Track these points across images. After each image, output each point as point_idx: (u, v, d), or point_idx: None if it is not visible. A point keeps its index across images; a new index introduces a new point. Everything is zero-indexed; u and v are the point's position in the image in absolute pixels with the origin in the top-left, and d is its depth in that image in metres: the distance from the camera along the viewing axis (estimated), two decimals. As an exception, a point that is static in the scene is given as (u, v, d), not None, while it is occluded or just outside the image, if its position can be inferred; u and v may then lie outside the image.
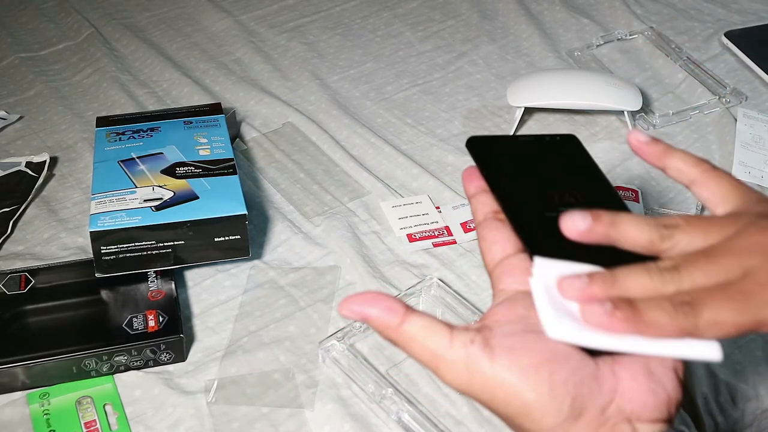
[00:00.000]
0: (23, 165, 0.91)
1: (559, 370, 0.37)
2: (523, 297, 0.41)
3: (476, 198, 0.47)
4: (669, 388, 0.38)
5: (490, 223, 0.45)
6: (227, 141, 0.85)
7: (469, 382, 0.38)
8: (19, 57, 1.12)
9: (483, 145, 0.49)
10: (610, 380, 0.38)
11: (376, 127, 0.98)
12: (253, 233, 0.83)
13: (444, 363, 0.38)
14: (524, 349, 0.37)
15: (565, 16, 1.15)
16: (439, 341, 0.39)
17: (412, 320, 0.39)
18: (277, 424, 0.66)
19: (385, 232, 0.84)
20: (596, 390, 0.37)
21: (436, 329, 0.39)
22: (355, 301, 0.40)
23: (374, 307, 0.39)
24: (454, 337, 0.39)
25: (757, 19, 1.13)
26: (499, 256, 0.44)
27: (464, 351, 0.38)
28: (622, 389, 0.37)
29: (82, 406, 0.67)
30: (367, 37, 1.14)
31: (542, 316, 0.38)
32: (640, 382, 0.38)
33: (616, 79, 0.95)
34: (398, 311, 0.39)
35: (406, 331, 0.39)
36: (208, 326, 0.74)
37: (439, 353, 0.38)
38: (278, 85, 1.05)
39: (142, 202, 0.74)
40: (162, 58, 1.09)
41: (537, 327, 0.38)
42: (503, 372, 0.37)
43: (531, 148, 0.50)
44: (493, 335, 0.38)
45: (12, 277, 0.75)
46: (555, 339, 0.37)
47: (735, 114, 0.95)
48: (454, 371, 0.38)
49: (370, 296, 0.40)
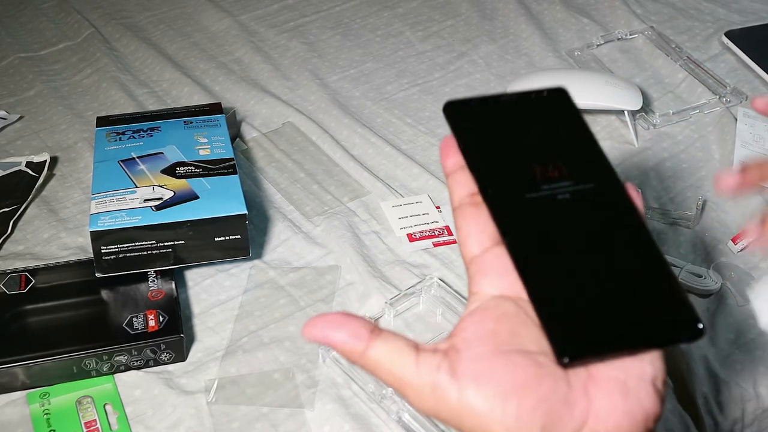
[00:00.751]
0: (23, 165, 0.91)
1: (527, 398, 0.35)
2: (495, 305, 0.39)
3: (453, 177, 0.42)
4: (647, 405, 0.36)
5: (465, 210, 0.41)
6: (227, 141, 0.85)
7: (435, 409, 0.37)
8: (19, 57, 1.12)
9: (461, 111, 0.43)
10: (582, 403, 0.36)
11: (376, 126, 0.98)
12: (253, 233, 0.83)
13: (410, 389, 0.37)
14: (491, 377, 0.36)
15: (565, 16, 1.15)
16: (404, 367, 0.37)
17: (376, 346, 0.38)
18: (277, 424, 0.66)
19: (385, 231, 0.84)
20: (567, 415, 0.36)
21: (402, 354, 0.38)
22: (317, 325, 0.38)
23: (338, 331, 0.38)
24: (420, 363, 0.37)
25: (757, 18, 1.13)
26: (475, 249, 0.40)
27: (430, 378, 0.37)
28: (595, 411, 0.36)
29: (83, 406, 0.67)
30: (367, 37, 1.14)
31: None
32: (614, 402, 0.36)
33: (616, 79, 0.95)
34: (362, 337, 0.38)
35: (371, 357, 0.38)
36: (208, 326, 0.74)
37: (405, 380, 0.37)
38: (278, 85, 1.05)
39: (142, 201, 0.74)
40: (162, 58, 1.09)
41: (507, 345, 0.37)
42: (470, 401, 0.36)
43: (514, 109, 0.44)
44: (460, 360, 0.37)
45: (12, 277, 0.75)
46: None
47: (735, 113, 0.95)
48: (420, 397, 0.37)
49: (334, 319, 0.38)
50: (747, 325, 0.74)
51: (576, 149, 0.42)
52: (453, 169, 0.42)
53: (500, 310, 0.38)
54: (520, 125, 0.43)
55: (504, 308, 0.39)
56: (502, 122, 0.43)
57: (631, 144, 0.93)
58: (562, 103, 0.44)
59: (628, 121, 0.94)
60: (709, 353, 0.72)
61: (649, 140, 0.94)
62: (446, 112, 0.43)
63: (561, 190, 0.40)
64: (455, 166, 0.42)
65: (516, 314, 0.38)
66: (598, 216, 0.39)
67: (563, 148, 0.42)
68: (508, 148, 0.41)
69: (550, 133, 0.43)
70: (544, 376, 0.36)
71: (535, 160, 0.41)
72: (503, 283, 0.39)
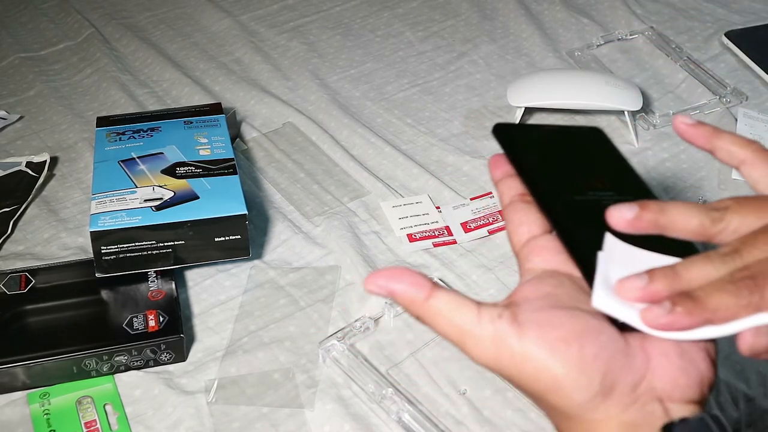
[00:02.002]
0: (23, 165, 0.91)
1: (589, 344, 0.36)
2: (550, 276, 0.41)
3: (502, 182, 0.47)
4: (702, 368, 0.37)
5: (516, 205, 0.45)
6: (227, 141, 0.85)
7: (496, 358, 0.37)
8: (19, 57, 1.12)
9: (509, 132, 0.49)
10: (641, 357, 0.37)
11: (376, 127, 0.98)
12: (253, 233, 0.83)
13: (471, 338, 0.38)
14: (553, 324, 0.37)
15: (565, 16, 1.15)
16: (466, 316, 0.38)
17: (438, 295, 0.39)
18: (277, 424, 0.66)
19: (385, 232, 0.84)
20: (627, 366, 0.36)
21: (463, 304, 0.39)
22: (381, 276, 0.39)
23: (400, 282, 0.39)
24: (481, 313, 0.38)
25: (757, 19, 1.13)
26: (525, 236, 0.44)
27: (492, 326, 0.37)
28: (653, 367, 0.37)
29: (83, 406, 0.67)
30: (367, 37, 1.14)
31: (595, 285, 0.37)
32: (671, 360, 0.37)
33: (617, 79, 0.95)
34: (424, 286, 0.39)
35: (433, 305, 0.39)
36: (208, 326, 0.74)
37: (466, 328, 0.38)
38: (278, 85, 1.05)
39: (143, 202, 0.74)
40: (162, 58, 1.09)
41: (566, 303, 0.38)
42: (532, 347, 0.36)
43: (557, 137, 0.50)
44: (521, 310, 0.38)
45: (12, 277, 0.75)
46: (596, 308, 0.37)
47: (735, 114, 0.95)
48: (481, 347, 0.38)
49: (396, 271, 0.39)
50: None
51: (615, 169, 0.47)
52: (501, 177, 0.47)
53: (555, 280, 0.41)
54: (564, 148, 0.49)
55: (558, 279, 0.41)
56: (548, 144, 0.48)
57: (631, 144, 0.93)
58: (600, 138, 0.50)
59: (628, 121, 0.94)
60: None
61: (649, 140, 0.94)
62: (496, 132, 0.48)
63: (605, 196, 0.44)
64: (503, 175, 0.47)
65: (571, 285, 0.40)
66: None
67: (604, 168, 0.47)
68: (555, 163, 0.47)
69: (591, 155, 0.48)
70: (603, 328, 0.37)
71: (579, 174, 0.46)
72: (555, 261, 0.42)
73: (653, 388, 0.37)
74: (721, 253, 0.37)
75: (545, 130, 0.50)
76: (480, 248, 0.81)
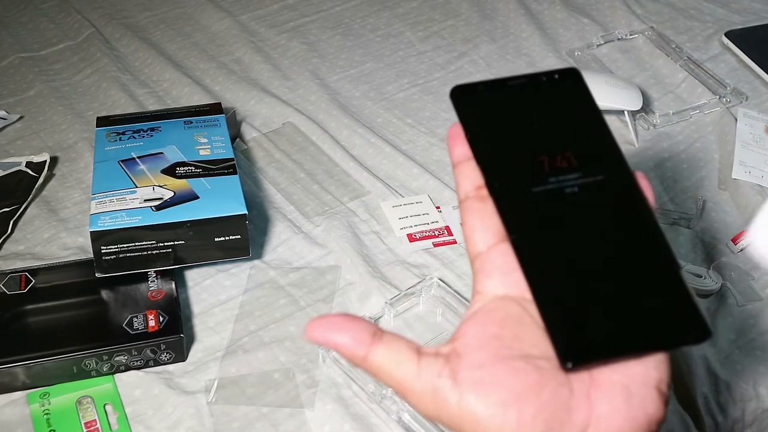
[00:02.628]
0: (23, 165, 0.91)
1: (528, 406, 0.35)
2: (498, 307, 0.38)
3: (460, 168, 0.41)
4: (650, 410, 0.36)
5: (471, 204, 0.40)
6: (227, 141, 0.85)
7: (437, 413, 0.37)
8: (19, 57, 1.12)
9: (468, 96, 0.41)
10: (584, 409, 0.36)
11: (377, 126, 0.98)
12: (253, 233, 0.83)
13: (412, 394, 0.37)
14: (492, 385, 0.36)
15: (565, 16, 1.15)
16: (406, 372, 0.37)
17: (378, 351, 0.38)
18: (277, 424, 0.66)
19: (385, 232, 0.84)
20: (568, 422, 0.35)
21: (403, 359, 0.38)
22: (319, 328, 0.38)
23: (339, 335, 0.38)
24: (421, 368, 0.37)
25: (757, 18, 1.13)
26: (480, 245, 0.39)
27: (431, 383, 0.37)
28: (597, 417, 0.36)
29: (83, 406, 0.67)
30: (367, 37, 1.14)
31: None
32: (617, 407, 0.36)
33: (617, 79, 0.95)
34: (364, 342, 0.38)
35: (373, 361, 0.38)
36: (208, 326, 0.74)
37: (407, 385, 0.37)
38: (278, 85, 1.05)
39: (143, 202, 0.74)
40: (162, 58, 1.09)
41: (510, 350, 0.37)
42: (470, 408, 0.36)
43: (524, 94, 0.42)
44: (462, 367, 0.37)
45: (12, 277, 0.75)
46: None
47: (735, 113, 0.95)
48: (422, 401, 0.37)
49: (335, 322, 0.38)
50: (747, 325, 0.74)
51: (586, 137, 0.41)
52: (460, 159, 0.41)
53: (503, 313, 0.38)
54: (529, 111, 0.41)
55: (507, 310, 0.38)
56: (510, 108, 0.41)
57: (631, 144, 0.93)
58: (574, 86, 0.43)
59: (628, 121, 0.94)
60: (709, 353, 0.72)
61: (649, 140, 0.94)
62: (453, 98, 0.41)
63: (569, 182, 0.39)
64: (463, 156, 0.41)
65: (519, 317, 0.38)
66: (607, 212, 0.39)
67: (573, 135, 0.41)
68: (516, 136, 0.40)
69: (560, 119, 0.41)
70: (545, 382, 0.36)
71: (543, 150, 0.40)
72: (507, 283, 0.39)
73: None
74: None
75: (510, 86, 0.42)
76: (480, 248, 0.81)
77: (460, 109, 0.41)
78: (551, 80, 0.43)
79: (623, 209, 0.39)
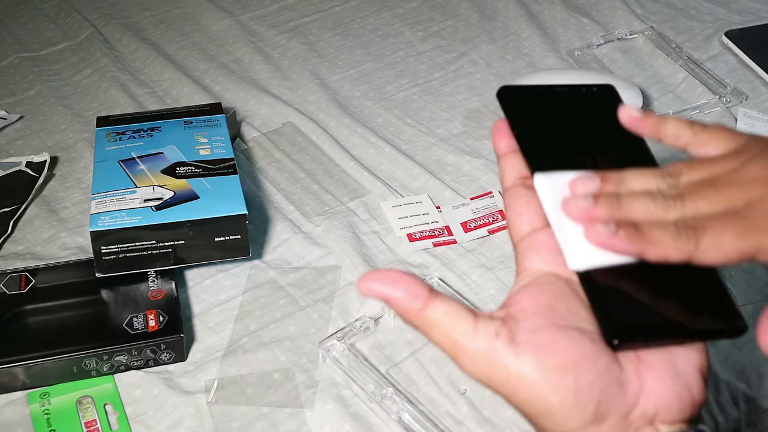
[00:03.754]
0: (23, 165, 0.91)
1: (585, 373, 0.36)
2: (549, 281, 0.39)
3: (505, 159, 0.43)
4: (694, 390, 0.38)
5: (518, 191, 0.42)
6: (227, 141, 0.85)
7: (490, 375, 0.37)
8: (19, 57, 1.12)
9: (515, 97, 0.45)
10: (635, 383, 0.37)
11: (377, 126, 0.98)
12: (253, 233, 0.83)
13: (465, 353, 0.37)
14: (551, 349, 0.36)
15: (565, 16, 1.15)
16: (462, 330, 0.37)
17: (435, 306, 0.38)
18: (277, 424, 0.66)
19: (385, 231, 0.84)
20: (621, 395, 0.36)
21: (460, 317, 0.37)
22: (376, 279, 0.38)
23: (396, 288, 0.38)
24: (478, 327, 0.37)
25: (757, 18, 1.13)
26: (525, 229, 0.41)
27: (488, 343, 0.36)
28: (647, 392, 0.37)
29: (83, 406, 0.67)
30: (367, 37, 1.14)
31: (563, 248, 0.39)
32: (666, 383, 0.37)
33: (616, 79, 0.95)
34: (421, 295, 0.38)
35: (428, 316, 0.37)
36: (208, 326, 0.74)
37: (461, 343, 0.37)
38: (278, 85, 1.05)
39: (143, 201, 0.74)
40: (162, 58, 1.09)
41: (564, 321, 0.37)
42: (528, 371, 0.36)
43: (565, 101, 0.46)
44: (519, 330, 0.37)
45: (12, 277, 0.75)
46: (575, 270, 0.38)
47: (735, 113, 0.95)
48: (475, 362, 0.37)
49: (392, 275, 0.38)
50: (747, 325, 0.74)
51: (622, 142, 0.44)
52: (505, 151, 0.43)
53: (555, 286, 0.39)
54: (570, 115, 0.45)
55: (558, 285, 0.39)
56: (553, 111, 0.45)
57: (631, 144, 0.93)
58: (610, 99, 0.46)
59: (628, 121, 0.94)
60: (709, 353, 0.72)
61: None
62: (500, 97, 0.44)
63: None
64: (507, 149, 0.43)
65: (569, 293, 0.39)
66: None
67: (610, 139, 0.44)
68: (558, 135, 0.43)
69: (599, 124, 0.45)
70: (600, 354, 0.37)
71: (583, 149, 0.43)
72: (555, 261, 0.40)
73: (645, 414, 0.37)
74: (665, 194, 0.39)
75: (554, 92, 0.46)
76: (480, 248, 0.81)
77: (507, 107, 0.44)
78: (590, 92, 0.46)
79: None
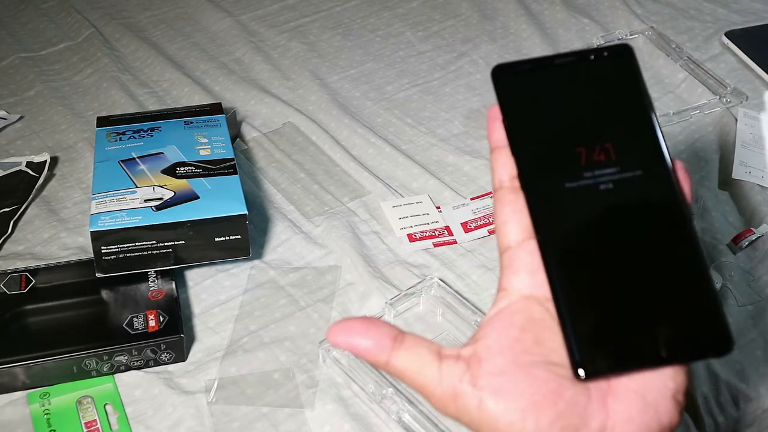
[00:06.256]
0: (23, 165, 0.91)
1: (545, 414, 0.36)
2: (524, 307, 0.38)
3: (496, 154, 0.40)
4: (664, 420, 0.37)
5: (504, 195, 0.39)
6: (227, 141, 0.85)
7: (457, 416, 0.38)
8: (19, 57, 1.12)
9: (509, 77, 0.39)
10: (600, 416, 0.36)
11: (377, 127, 0.98)
12: (254, 233, 0.83)
13: (433, 396, 0.39)
14: (512, 393, 0.36)
15: (565, 16, 1.15)
16: (427, 377, 0.38)
17: (399, 356, 0.39)
18: (277, 424, 0.66)
19: (385, 232, 0.84)
20: (583, 429, 0.36)
21: (425, 362, 0.39)
22: (342, 331, 0.39)
23: (362, 339, 0.39)
24: (443, 372, 0.38)
25: (757, 18, 1.13)
26: (510, 239, 0.39)
27: (452, 389, 0.38)
28: (612, 424, 0.36)
29: (83, 406, 0.67)
30: (367, 37, 1.14)
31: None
32: (632, 415, 0.36)
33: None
34: (385, 347, 0.39)
35: (395, 366, 0.39)
36: (208, 326, 0.74)
37: (429, 388, 0.38)
38: (278, 85, 1.05)
39: (143, 202, 0.74)
40: (162, 58, 1.09)
41: (529, 355, 0.37)
42: (490, 414, 0.37)
43: (567, 75, 0.40)
44: (481, 373, 0.37)
45: (12, 277, 0.75)
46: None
47: (735, 114, 0.95)
48: (443, 404, 0.38)
49: (358, 326, 0.39)
50: (747, 325, 0.74)
51: (629, 126, 0.38)
52: (498, 144, 0.40)
53: (526, 315, 0.38)
54: (571, 95, 0.39)
55: (530, 312, 0.38)
56: (551, 92, 0.39)
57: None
58: (624, 66, 0.40)
59: (628, 121, 0.94)
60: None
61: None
62: (494, 77, 0.39)
63: (604, 178, 0.37)
64: (501, 141, 0.39)
65: (542, 320, 0.38)
66: (639, 215, 0.37)
67: (615, 124, 0.38)
68: (553, 124, 0.38)
69: (603, 104, 0.39)
70: (563, 391, 0.36)
71: (581, 141, 0.38)
72: (534, 282, 0.38)
73: None
74: None
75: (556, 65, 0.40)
76: (480, 248, 0.81)
77: (500, 91, 0.39)
78: (600, 58, 0.40)
79: (657, 212, 0.38)
